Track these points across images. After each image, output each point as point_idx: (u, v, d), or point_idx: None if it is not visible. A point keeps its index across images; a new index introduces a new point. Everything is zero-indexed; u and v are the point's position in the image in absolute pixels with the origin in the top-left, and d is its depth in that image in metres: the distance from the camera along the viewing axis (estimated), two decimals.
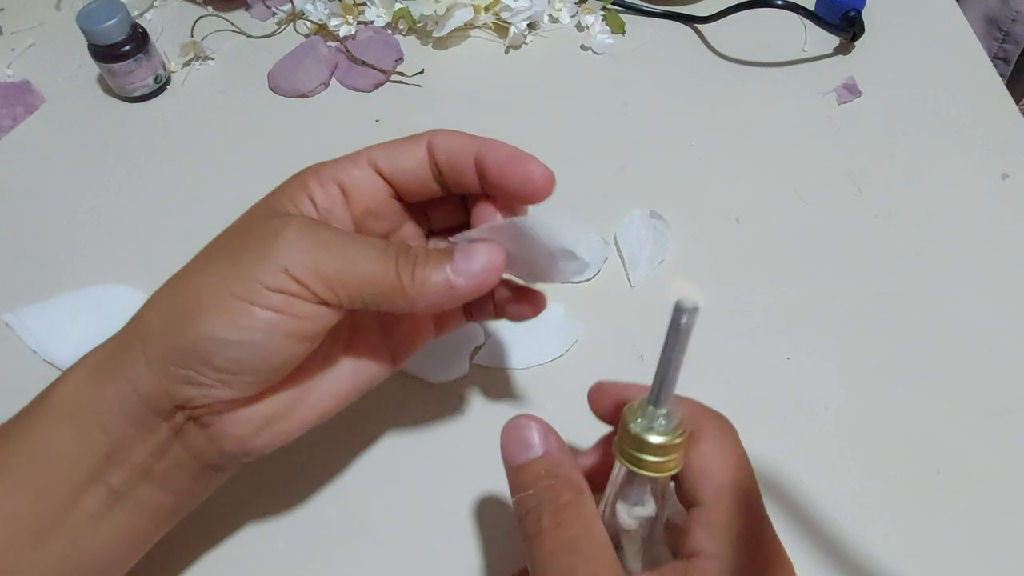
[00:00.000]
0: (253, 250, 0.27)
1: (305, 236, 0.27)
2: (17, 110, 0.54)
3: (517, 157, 0.29)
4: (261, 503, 0.37)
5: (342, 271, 0.27)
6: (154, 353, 0.26)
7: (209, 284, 0.27)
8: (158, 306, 0.28)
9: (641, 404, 0.25)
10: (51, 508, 0.27)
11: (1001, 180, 0.48)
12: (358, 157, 0.30)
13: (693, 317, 0.24)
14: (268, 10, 0.60)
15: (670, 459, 0.25)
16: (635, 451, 0.25)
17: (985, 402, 0.39)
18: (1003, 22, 0.91)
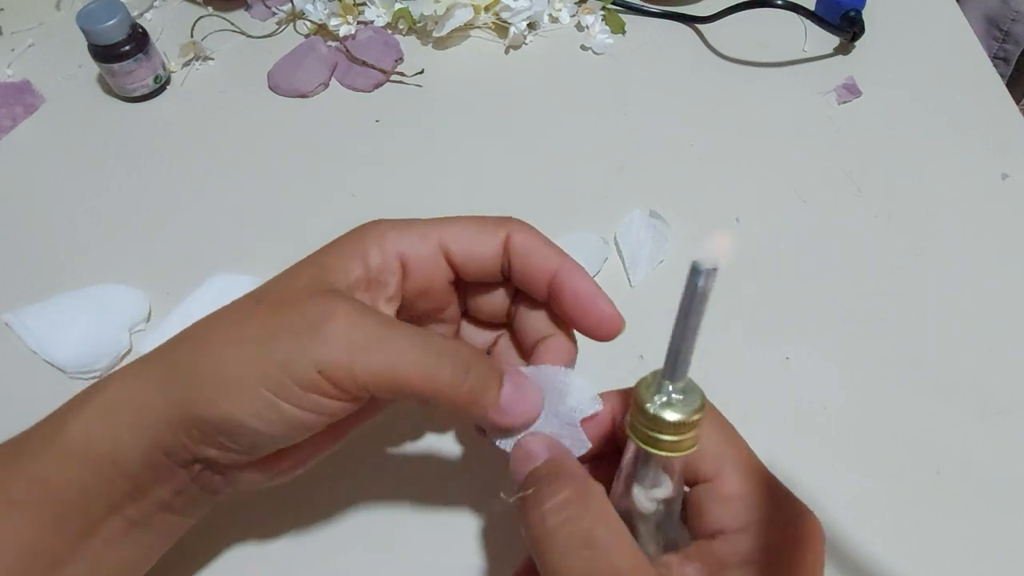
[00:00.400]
0: (290, 339, 0.25)
1: (347, 335, 0.25)
2: (17, 110, 0.54)
3: (596, 298, 0.28)
4: (260, 503, 0.37)
5: (384, 372, 0.25)
6: (176, 414, 0.26)
7: (240, 367, 0.25)
8: (186, 366, 0.26)
9: (655, 379, 0.23)
10: (69, 538, 0.27)
11: (1001, 180, 0.48)
12: (428, 235, 0.28)
13: (711, 279, 0.21)
14: (268, 10, 0.60)
15: (688, 437, 0.23)
16: (651, 431, 0.23)
17: (985, 402, 0.39)
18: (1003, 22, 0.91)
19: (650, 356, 0.41)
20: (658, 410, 0.23)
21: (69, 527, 0.27)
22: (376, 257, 0.28)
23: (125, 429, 0.26)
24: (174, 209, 0.49)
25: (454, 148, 0.51)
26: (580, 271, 0.28)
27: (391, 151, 0.51)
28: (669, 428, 0.23)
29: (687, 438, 0.23)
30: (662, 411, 0.23)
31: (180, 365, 0.26)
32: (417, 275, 0.29)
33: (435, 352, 0.26)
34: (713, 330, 0.42)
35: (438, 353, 0.26)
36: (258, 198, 0.49)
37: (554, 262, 0.28)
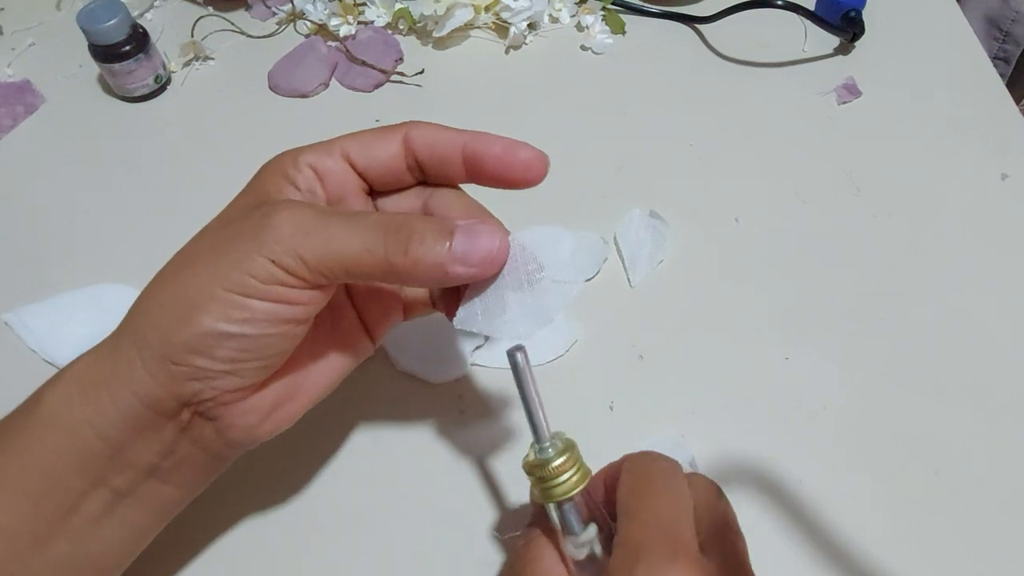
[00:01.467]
0: (241, 243, 0.26)
1: (289, 223, 0.26)
2: (17, 110, 0.54)
3: (513, 148, 0.29)
4: (260, 503, 0.37)
5: (328, 254, 0.26)
6: (152, 355, 0.26)
7: (201, 282, 0.26)
8: (149, 309, 0.27)
9: (531, 447, 0.28)
10: (51, 515, 0.26)
11: (1001, 180, 0.48)
12: (331, 147, 0.30)
13: (525, 356, 0.27)
14: (268, 10, 0.60)
15: (570, 476, 0.27)
16: (542, 485, 0.27)
17: (985, 402, 0.39)
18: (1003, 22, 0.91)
19: (650, 356, 0.41)
20: (536, 466, 0.27)
21: (50, 503, 0.26)
22: (295, 173, 0.29)
23: (103, 390, 0.26)
24: (174, 209, 0.49)
25: None
26: (486, 135, 0.30)
27: None
28: (550, 473, 0.27)
29: (567, 478, 0.27)
30: (539, 464, 0.27)
31: (144, 309, 0.27)
32: (331, 184, 0.30)
33: (373, 224, 0.27)
34: (713, 330, 0.42)
35: (376, 225, 0.27)
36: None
37: (459, 139, 0.30)
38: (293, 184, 0.29)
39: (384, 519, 0.36)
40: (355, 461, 0.38)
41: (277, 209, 0.27)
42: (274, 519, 0.36)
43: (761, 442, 0.38)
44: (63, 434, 0.26)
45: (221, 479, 0.31)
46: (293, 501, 0.37)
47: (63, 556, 0.27)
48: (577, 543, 0.27)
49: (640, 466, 0.28)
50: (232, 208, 0.30)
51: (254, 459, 0.37)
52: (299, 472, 0.38)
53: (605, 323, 0.42)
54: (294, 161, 0.29)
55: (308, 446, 0.38)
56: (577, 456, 0.27)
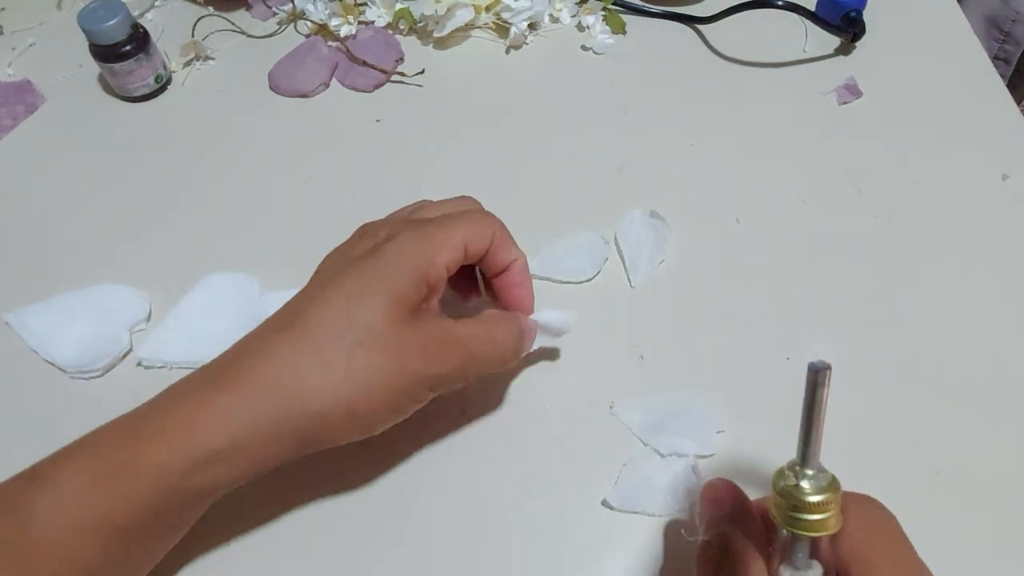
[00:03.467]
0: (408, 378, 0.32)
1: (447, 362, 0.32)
2: (17, 109, 0.54)
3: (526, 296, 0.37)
4: (260, 503, 0.37)
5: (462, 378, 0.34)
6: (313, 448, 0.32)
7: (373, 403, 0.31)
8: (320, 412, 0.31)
9: (790, 466, 0.27)
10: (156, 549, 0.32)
11: (1001, 181, 0.48)
12: (459, 244, 0.34)
13: (826, 375, 0.25)
14: (269, 10, 0.60)
15: (827, 516, 0.26)
16: (791, 512, 0.26)
17: (985, 402, 0.39)
18: (1003, 23, 0.91)
19: (650, 356, 0.41)
20: (794, 491, 0.26)
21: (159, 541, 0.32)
22: (434, 275, 0.33)
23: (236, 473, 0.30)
24: (174, 209, 0.49)
25: (454, 148, 0.51)
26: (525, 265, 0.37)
27: (391, 151, 0.51)
28: (807, 508, 0.26)
29: (827, 517, 0.26)
30: (798, 493, 0.26)
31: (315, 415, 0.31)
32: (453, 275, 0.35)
33: (498, 342, 0.35)
34: (714, 330, 0.42)
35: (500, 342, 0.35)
36: (258, 198, 0.49)
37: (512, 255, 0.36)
38: (427, 283, 0.32)
39: (385, 520, 0.36)
40: (355, 462, 0.38)
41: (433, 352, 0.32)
42: (272, 524, 0.36)
43: (760, 442, 0.38)
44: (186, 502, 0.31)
45: None
46: (291, 500, 0.37)
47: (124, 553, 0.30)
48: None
49: (873, 518, 0.28)
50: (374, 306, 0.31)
51: None
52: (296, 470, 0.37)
53: (605, 323, 0.42)
54: (435, 261, 0.33)
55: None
56: (838, 495, 0.26)
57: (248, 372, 0.30)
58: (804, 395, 0.26)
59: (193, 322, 0.42)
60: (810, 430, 0.26)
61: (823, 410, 0.25)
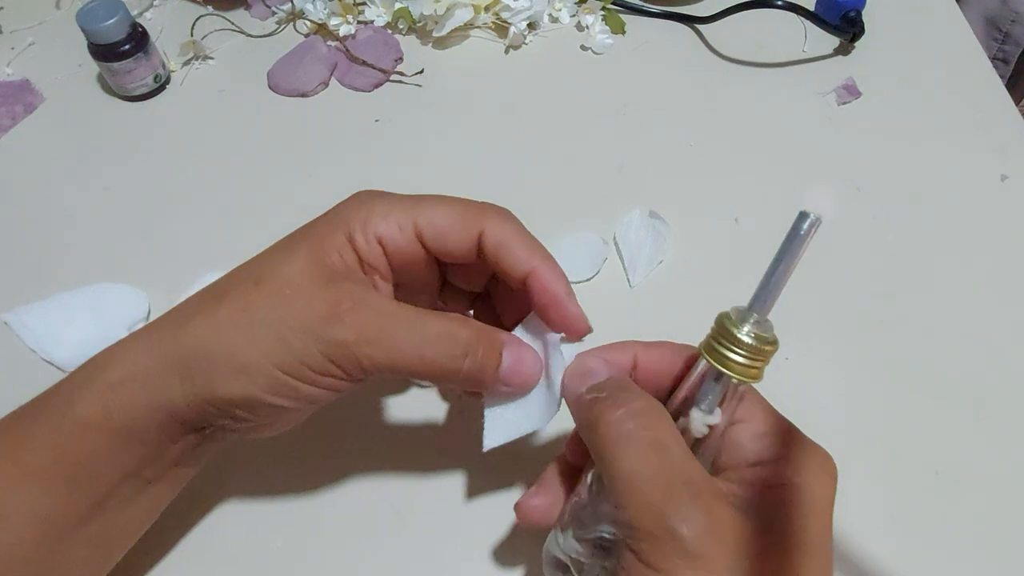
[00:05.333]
0: (303, 334, 0.27)
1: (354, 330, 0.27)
2: (16, 109, 0.54)
3: (565, 304, 0.29)
4: (260, 503, 0.37)
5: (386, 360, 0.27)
6: (196, 394, 0.27)
7: (257, 353, 0.27)
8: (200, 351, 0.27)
9: (738, 310, 0.25)
10: (85, 502, 0.28)
11: (1000, 181, 0.48)
12: (405, 222, 0.29)
13: (813, 228, 0.23)
14: (268, 9, 0.60)
15: (758, 365, 0.25)
16: (724, 348, 0.25)
17: (984, 402, 0.39)
18: (1002, 23, 0.91)
19: None
20: (741, 333, 0.24)
21: (86, 493, 0.28)
22: (363, 243, 0.29)
23: (141, 404, 0.28)
24: (173, 208, 0.49)
25: (454, 148, 0.51)
26: (553, 272, 0.29)
27: (391, 151, 0.51)
28: (746, 350, 0.24)
29: (757, 366, 0.25)
30: (741, 334, 0.24)
31: (193, 348, 0.27)
32: (396, 258, 0.30)
33: (435, 338, 0.28)
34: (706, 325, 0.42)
35: (438, 338, 0.28)
36: (258, 197, 0.49)
37: (526, 264, 0.29)
38: (357, 253, 0.29)
39: (386, 518, 0.36)
40: (355, 461, 0.38)
41: (342, 311, 0.27)
42: (271, 519, 0.36)
43: None
44: (99, 437, 0.28)
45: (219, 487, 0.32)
46: (291, 500, 0.37)
47: (94, 534, 0.29)
48: (706, 420, 0.26)
49: None
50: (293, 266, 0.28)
51: (253, 464, 0.37)
52: (296, 471, 0.38)
53: (605, 323, 0.42)
54: (363, 229, 0.29)
55: (304, 445, 0.38)
56: (771, 355, 0.25)
57: (159, 319, 0.29)
58: (783, 241, 0.24)
59: None
60: (774, 277, 0.24)
61: (795, 263, 0.24)
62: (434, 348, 0.27)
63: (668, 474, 0.24)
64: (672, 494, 0.24)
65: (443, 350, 0.28)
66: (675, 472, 0.24)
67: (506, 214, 0.30)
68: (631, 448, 0.25)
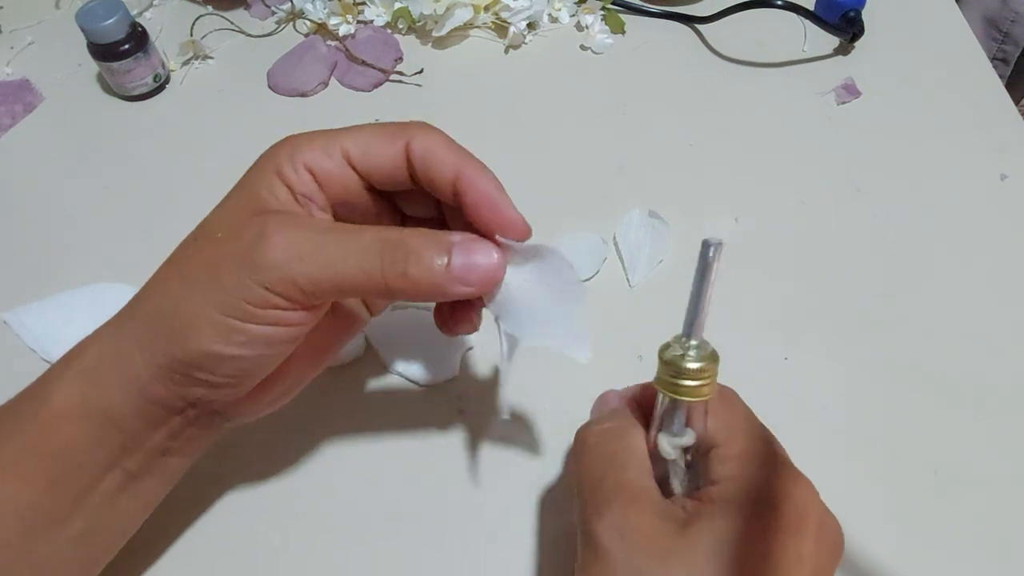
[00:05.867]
0: (234, 267, 0.26)
1: (282, 248, 0.26)
2: (16, 108, 0.54)
3: (496, 202, 0.28)
4: (258, 503, 0.37)
5: (324, 277, 0.26)
6: (155, 363, 0.27)
7: (198, 302, 0.26)
8: (150, 318, 0.27)
9: (675, 338, 0.28)
10: (67, 497, 0.28)
11: (1000, 181, 0.48)
12: (330, 146, 0.29)
13: (719, 252, 0.26)
14: (267, 9, 0.60)
15: (704, 384, 0.27)
16: (672, 378, 0.27)
17: (985, 402, 0.39)
18: (1002, 23, 0.91)
19: (649, 356, 0.41)
20: (677, 359, 0.27)
21: (67, 486, 0.28)
22: (291, 173, 0.28)
23: (113, 387, 0.27)
24: (173, 207, 0.49)
25: None
26: (481, 174, 0.28)
27: None
28: (688, 374, 0.27)
29: (703, 383, 0.27)
30: (680, 361, 0.27)
31: (145, 316, 0.27)
32: (329, 185, 0.29)
33: (369, 244, 0.26)
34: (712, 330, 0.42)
35: (372, 245, 0.26)
36: None
37: (452, 167, 0.28)
38: (287, 185, 0.28)
39: (386, 521, 0.36)
40: (355, 464, 0.38)
41: (269, 231, 0.26)
42: (269, 519, 0.36)
43: None
44: (78, 426, 0.27)
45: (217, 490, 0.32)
46: (287, 501, 0.37)
47: (80, 531, 0.28)
48: (674, 444, 0.28)
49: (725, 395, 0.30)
50: (225, 211, 0.29)
51: (247, 462, 0.37)
52: (292, 472, 0.38)
53: (604, 323, 0.42)
54: (291, 160, 0.28)
55: (301, 447, 0.38)
56: (716, 368, 0.27)
57: None
58: (696, 270, 0.26)
59: None
60: (698, 304, 0.26)
61: (711, 286, 0.26)
62: (372, 256, 0.26)
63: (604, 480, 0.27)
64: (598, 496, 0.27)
65: (385, 259, 0.26)
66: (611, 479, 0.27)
67: (432, 128, 0.29)
68: (585, 458, 0.29)
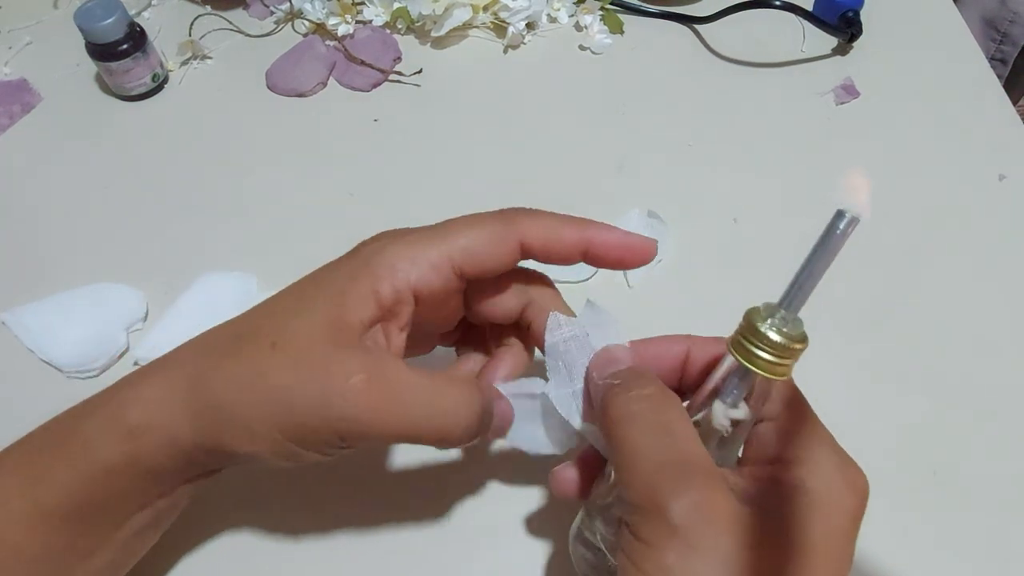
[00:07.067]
0: (310, 401, 0.26)
1: (363, 401, 0.26)
2: (14, 108, 0.54)
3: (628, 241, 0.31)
4: (258, 504, 0.37)
5: (394, 434, 0.27)
6: (204, 444, 0.28)
7: (264, 417, 0.27)
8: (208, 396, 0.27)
9: (768, 306, 0.25)
10: (98, 534, 0.29)
11: (998, 181, 0.48)
12: (441, 263, 0.28)
13: (851, 227, 0.23)
14: (266, 9, 0.59)
15: (786, 363, 0.25)
16: (755, 347, 0.24)
17: (982, 402, 0.39)
18: (1000, 23, 0.91)
19: None
20: (769, 330, 0.24)
21: (97, 525, 0.29)
22: (389, 293, 0.28)
23: (162, 452, 0.28)
24: (172, 208, 0.49)
25: (452, 148, 0.51)
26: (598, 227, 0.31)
27: (389, 151, 0.51)
28: (774, 348, 0.24)
29: (785, 364, 0.24)
30: (771, 331, 0.24)
31: (207, 402, 0.27)
32: (430, 302, 0.29)
33: (449, 410, 0.27)
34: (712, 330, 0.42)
35: (451, 410, 0.27)
36: (256, 197, 0.49)
37: (576, 234, 0.30)
38: (379, 305, 0.28)
39: (380, 523, 0.36)
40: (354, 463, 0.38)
41: (355, 388, 0.26)
42: (269, 519, 0.36)
43: None
44: (123, 481, 0.28)
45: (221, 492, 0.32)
46: (288, 502, 0.37)
47: (107, 563, 0.29)
48: (729, 415, 0.26)
49: None
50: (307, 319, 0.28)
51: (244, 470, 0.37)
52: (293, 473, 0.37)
53: None
54: (392, 276, 0.28)
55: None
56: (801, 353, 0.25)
57: (175, 356, 0.29)
58: (818, 239, 0.23)
59: (190, 321, 0.42)
60: (808, 275, 0.24)
61: (829, 263, 0.23)
62: (445, 419, 0.27)
63: (666, 453, 0.24)
64: (666, 471, 0.24)
65: (454, 421, 0.27)
66: (673, 452, 0.25)
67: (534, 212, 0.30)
68: (634, 428, 0.25)
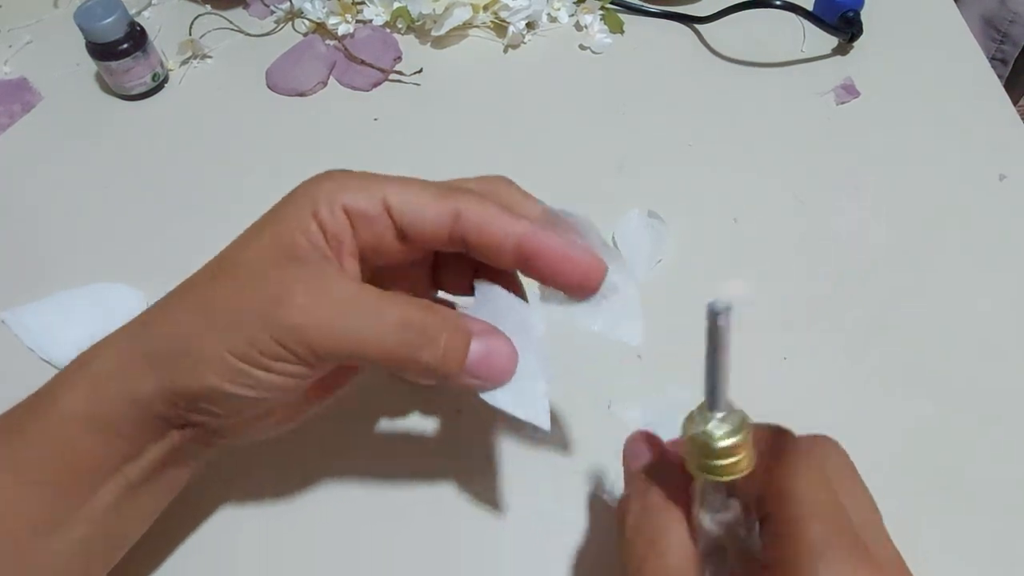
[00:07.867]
0: (252, 316, 0.26)
1: (301, 313, 0.26)
2: (14, 108, 0.54)
3: (571, 251, 0.28)
4: (257, 504, 0.37)
5: (339, 346, 0.26)
6: (163, 386, 0.27)
7: (212, 339, 0.26)
8: (162, 339, 0.28)
9: (699, 411, 0.25)
10: (69, 502, 0.28)
11: (998, 181, 0.48)
12: (373, 191, 0.28)
13: (727, 317, 0.23)
14: (266, 8, 0.59)
15: (738, 460, 0.25)
16: (703, 458, 0.25)
17: (985, 402, 0.39)
18: (1001, 23, 0.91)
19: (648, 357, 0.41)
20: (704, 438, 0.24)
21: (70, 489, 0.28)
22: (327, 214, 0.28)
23: (119, 400, 0.27)
24: (172, 207, 0.49)
25: (452, 147, 0.51)
26: (547, 234, 0.28)
27: (389, 150, 0.51)
28: (718, 453, 0.24)
29: (738, 460, 0.25)
30: (708, 439, 0.24)
31: (159, 338, 0.28)
32: (364, 231, 0.28)
33: (393, 326, 0.26)
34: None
35: (396, 327, 0.26)
36: (256, 197, 0.48)
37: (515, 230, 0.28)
38: (321, 227, 0.28)
39: (382, 519, 0.36)
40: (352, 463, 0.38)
41: (294, 293, 0.26)
42: (269, 520, 0.36)
43: None
44: (83, 433, 0.28)
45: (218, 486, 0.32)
46: (288, 502, 0.37)
47: (81, 537, 0.28)
48: (718, 520, 0.25)
49: (821, 456, 0.27)
50: (251, 246, 0.28)
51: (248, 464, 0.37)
52: (293, 473, 0.37)
53: None
54: (329, 200, 0.28)
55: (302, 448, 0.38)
56: (749, 436, 0.25)
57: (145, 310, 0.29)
58: (707, 340, 0.24)
59: None
60: (714, 374, 0.24)
61: (726, 352, 0.24)
62: (392, 337, 0.26)
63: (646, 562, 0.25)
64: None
65: (402, 339, 0.26)
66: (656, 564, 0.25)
67: (483, 199, 0.29)
68: (628, 537, 0.26)
